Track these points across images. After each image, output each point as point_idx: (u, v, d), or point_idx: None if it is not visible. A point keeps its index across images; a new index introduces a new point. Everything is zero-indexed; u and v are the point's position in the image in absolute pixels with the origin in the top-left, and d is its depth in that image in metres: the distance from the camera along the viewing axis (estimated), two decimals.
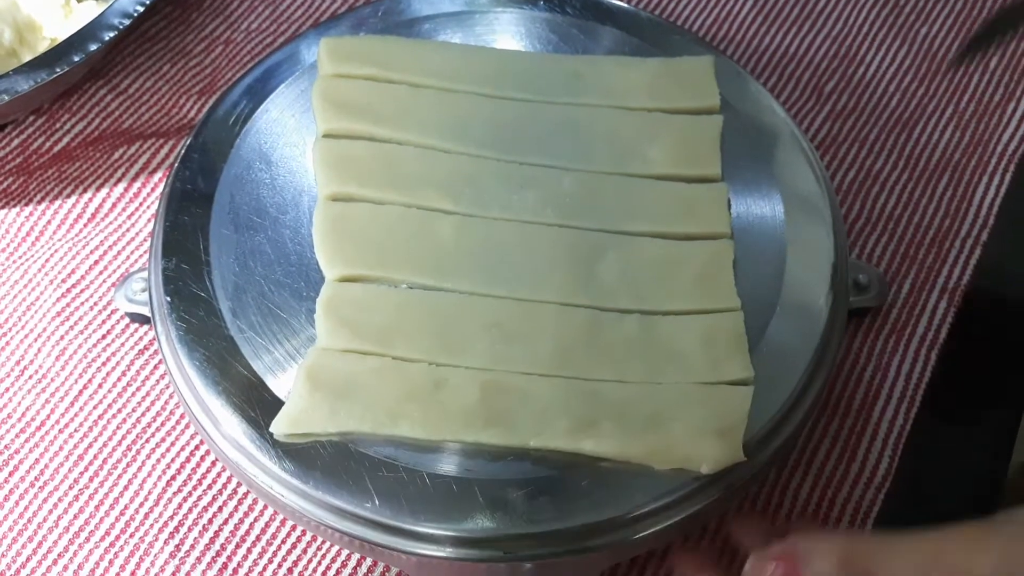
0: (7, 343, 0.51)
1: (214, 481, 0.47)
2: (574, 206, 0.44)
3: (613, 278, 0.43)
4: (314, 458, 0.39)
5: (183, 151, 0.47)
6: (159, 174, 0.56)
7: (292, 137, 0.47)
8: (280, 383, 0.41)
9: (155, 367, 0.50)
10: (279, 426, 0.39)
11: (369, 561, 0.45)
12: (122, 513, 0.46)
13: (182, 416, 0.49)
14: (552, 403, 0.39)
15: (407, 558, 0.39)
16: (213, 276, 0.43)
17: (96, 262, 0.53)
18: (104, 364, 0.50)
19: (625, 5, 0.52)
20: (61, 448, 0.48)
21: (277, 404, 0.40)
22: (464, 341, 0.41)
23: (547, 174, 0.45)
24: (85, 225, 0.54)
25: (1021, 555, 0.33)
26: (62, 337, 0.51)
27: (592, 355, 0.41)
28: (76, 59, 0.53)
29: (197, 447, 0.48)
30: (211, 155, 0.46)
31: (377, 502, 0.38)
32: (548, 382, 0.40)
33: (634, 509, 0.38)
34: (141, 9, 0.54)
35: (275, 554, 0.45)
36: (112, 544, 0.46)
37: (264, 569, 0.45)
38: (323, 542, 0.46)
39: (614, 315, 0.42)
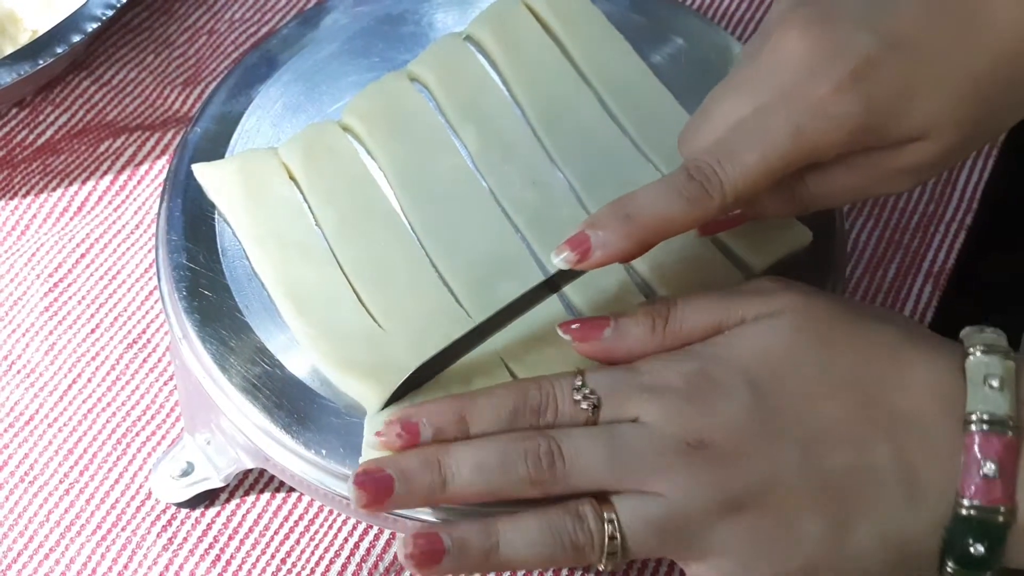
0: None
1: None
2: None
3: None
4: (327, 429, 0.39)
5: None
6: (145, 167, 0.56)
7: (302, 113, 0.47)
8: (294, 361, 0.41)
9: (144, 360, 0.50)
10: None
11: (361, 553, 0.45)
12: (113, 507, 0.46)
13: (172, 409, 0.49)
14: None
15: (412, 524, 0.39)
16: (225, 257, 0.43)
17: (83, 255, 0.53)
18: (93, 358, 0.50)
19: None
20: (50, 443, 0.48)
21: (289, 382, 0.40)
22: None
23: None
24: (71, 219, 0.54)
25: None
26: (51, 332, 0.51)
27: None
28: (59, 51, 0.52)
29: None
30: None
31: None
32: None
33: None
34: None
35: (267, 546, 0.46)
36: (104, 538, 0.46)
37: (257, 561, 0.45)
38: (315, 533, 0.46)
39: None
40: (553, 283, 0.39)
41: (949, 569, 0.34)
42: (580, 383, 0.36)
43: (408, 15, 0.50)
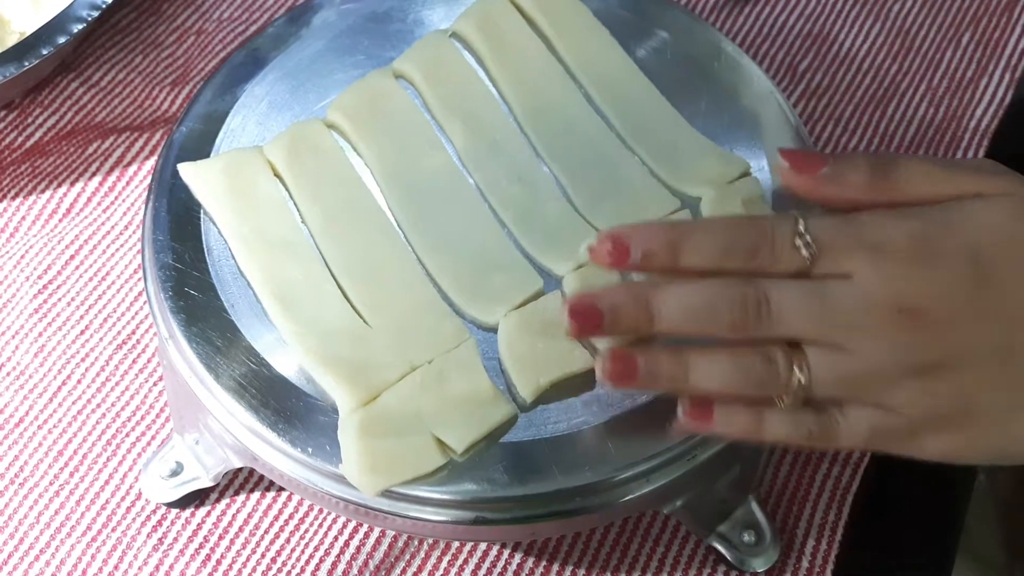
0: None
1: None
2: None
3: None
4: (314, 427, 0.39)
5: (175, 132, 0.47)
6: (134, 168, 0.56)
7: (288, 111, 0.47)
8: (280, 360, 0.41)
9: (133, 361, 0.50)
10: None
11: (351, 551, 0.45)
12: (103, 507, 0.46)
13: (162, 409, 0.49)
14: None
15: (402, 522, 0.39)
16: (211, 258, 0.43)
17: (72, 257, 0.53)
18: (83, 360, 0.50)
19: None
20: (41, 444, 0.48)
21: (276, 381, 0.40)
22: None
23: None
24: (60, 220, 0.54)
25: None
26: (40, 334, 0.51)
27: None
28: (45, 52, 0.52)
29: None
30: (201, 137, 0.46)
31: None
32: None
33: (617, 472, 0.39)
34: (110, 0, 0.54)
35: (258, 545, 0.46)
36: (94, 538, 0.46)
37: (247, 560, 0.45)
38: (305, 531, 0.46)
39: None
40: None
41: None
42: (802, 229, 0.35)
43: (394, 12, 0.50)
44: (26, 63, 0.52)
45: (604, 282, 0.39)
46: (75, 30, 0.53)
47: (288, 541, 0.46)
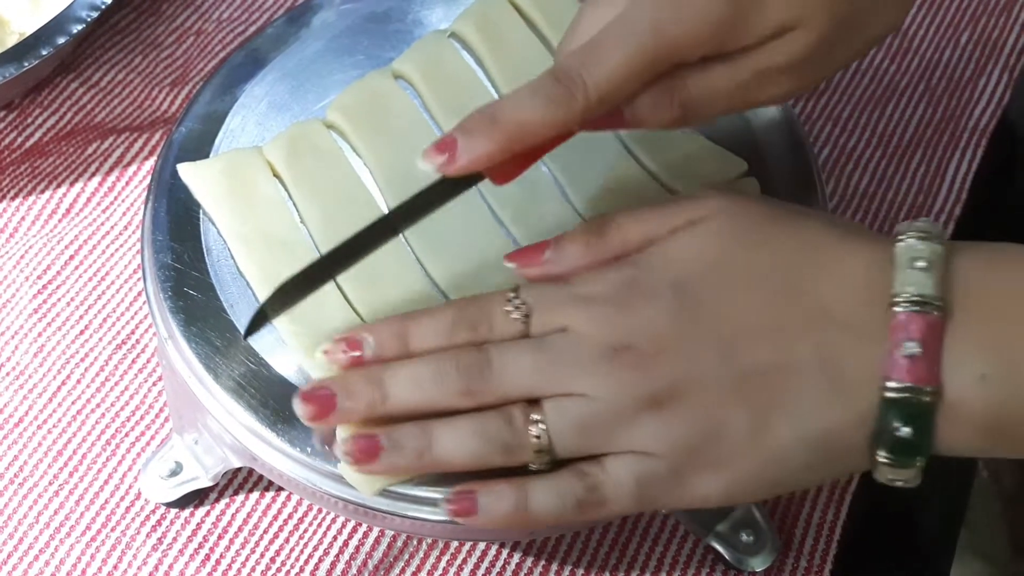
0: None
1: None
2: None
3: None
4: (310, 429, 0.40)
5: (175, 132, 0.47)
6: (133, 168, 0.56)
7: (287, 112, 0.47)
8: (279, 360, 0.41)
9: (133, 361, 0.50)
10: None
11: (350, 551, 0.45)
12: (103, 507, 0.46)
13: (161, 409, 0.49)
14: None
15: (401, 521, 0.39)
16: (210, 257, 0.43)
17: (71, 257, 0.53)
18: (82, 360, 0.50)
19: None
20: (40, 444, 0.48)
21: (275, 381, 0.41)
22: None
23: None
24: (60, 221, 0.54)
25: None
26: (40, 334, 0.51)
27: None
28: (44, 52, 0.52)
29: None
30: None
31: None
32: None
33: None
34: (109, 1, 0.54)
35: (257, 544, 0.46)
36: (93, 538, 0.46)
37: (247, 560, 0.45)
38: (304, 531, 0.46)
39: None
40: (440, 191, 0.39)
41: (880, 459, 0.34)
42: (512, 296, 0.37)
43: (394, 12, 0.50)
44: (25, 63, 0.52)
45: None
46: (74, 31, 0.53)
47: (287, 541, 0.46)
